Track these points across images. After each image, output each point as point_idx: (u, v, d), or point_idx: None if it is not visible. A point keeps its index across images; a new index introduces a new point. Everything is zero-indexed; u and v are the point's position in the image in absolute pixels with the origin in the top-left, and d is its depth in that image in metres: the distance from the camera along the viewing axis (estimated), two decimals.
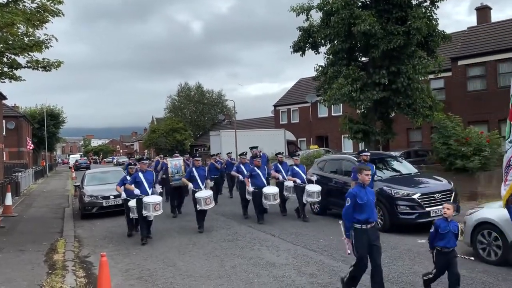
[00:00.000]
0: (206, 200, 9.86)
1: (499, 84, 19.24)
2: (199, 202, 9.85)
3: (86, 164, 56.12)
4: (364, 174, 5.43)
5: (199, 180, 10.28)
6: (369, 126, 16.10)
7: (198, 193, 9.99)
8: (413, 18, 14.24)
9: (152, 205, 9.03)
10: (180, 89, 55.59)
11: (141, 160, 9.83)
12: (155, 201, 9.15)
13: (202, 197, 9.86)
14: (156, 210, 9.11)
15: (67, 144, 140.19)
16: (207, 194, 9.98)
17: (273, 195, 10.73)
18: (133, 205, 9.66)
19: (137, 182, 9.32)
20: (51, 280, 6.76)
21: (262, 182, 10.91)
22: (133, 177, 9.51)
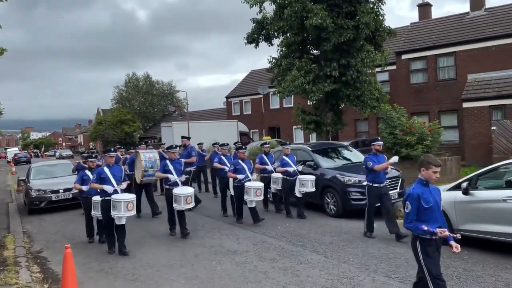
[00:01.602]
0: (187, 199, 8.33)
1: (439, 78, 20.52)
2: (178, 200, 8.33)
3: (27, 158, 53.27)
4: (432, 171, 4.36)
5: (175, 174, 8.79)
6: (321, 117, 16.62)
7: (177, 189, 8.48)
8: (361, 13, 14.80)
9: (124, 203, 7.38)
10: (127, 80, 53.92)
11: (107, 152, 8.11)
12: (126, 198, 7.49)
13: (182, 194, 8.30)
14: (129, 209, 7.46)
15: (3, 137, 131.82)
16: (187, 191, 8.47)
17: (255, 189, 9.26)
18: (99, 199, 8.08)
19: (102, 179, 7.72)
20: (5, 276, 6.48)
21: (247, 176, 9.67)
22: (97, 173, 7.85)
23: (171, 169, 8.77)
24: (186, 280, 6.09)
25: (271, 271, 6.28)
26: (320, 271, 6.21)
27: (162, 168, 8.97)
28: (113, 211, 7.42)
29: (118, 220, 7.46)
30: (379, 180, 8.07)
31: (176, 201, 8.34)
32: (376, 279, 5.79)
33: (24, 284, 6.13)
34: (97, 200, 8.16)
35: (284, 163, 10.30)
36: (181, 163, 9.09)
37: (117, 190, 7.64)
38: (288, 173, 10.17)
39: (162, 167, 9.02)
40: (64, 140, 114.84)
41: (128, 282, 6.19)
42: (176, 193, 8.40)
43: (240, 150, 9.95)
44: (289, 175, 10.17)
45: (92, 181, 7.87)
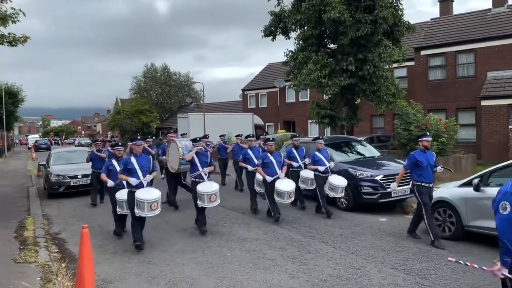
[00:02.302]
0: (211, 197, 7.83)
1: (458, 75, 20.25)
2: (202, 198, 7.85)
3: (47, 144, 54.49)
4: None
5: (199, 166, 8.19)
6: (336, 111, 16.62)
7: (201, 185, 7.97)
8: (380, 8, 14.71)
9: (147, 203, 6.95)
10: (146, 70, 54.54)
11: (134, 141, 7.51)
12: (151, 198, 7.03)
13: (206, 192, 7.82)
14: (153, 209, 7.02)
15: (25, 124, 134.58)
16: (212, 188, 7.91)
17: (288, 193, 8.57)
18: (123, 198, 7.70)
19: (129, 170, 7.26)
20: (24, 254, 6.79)
21: (276, 172, 8.89)
22: (123, 163, 7.39)
23: (196, 162, 8.22)
24: (197, 265, 6.29)
25: (280, 259, 6.43)
26: (328, 260, 6.34)
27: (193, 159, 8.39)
28: (137, 209, 7.04)
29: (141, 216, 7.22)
30: (428, 179, 7.28)
31: (200, 198, 7.92)
32: (382, 270, 5.89)
33: (43, 263, 6.41)
34: (120, 199, 7.79)
35: (316, 160, 9.52)
36: (207, 155, 8.43)
37: (142, 183, 7.22)
38: (319, 170, 9.48)
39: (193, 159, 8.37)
40: (83, 128, 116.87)
41: (141, 264, 6.42)
42: (200, 190, 7.88)
43: (268, 142, 9.23)
44: (321, 171, 9.46)
45: (120, 172, 7.46)
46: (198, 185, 7.99)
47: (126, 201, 7.54)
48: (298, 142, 10.68)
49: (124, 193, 7.66)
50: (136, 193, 7.01)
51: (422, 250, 6.76)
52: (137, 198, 6.98)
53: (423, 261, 6.26)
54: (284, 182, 8.80)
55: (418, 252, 6.68)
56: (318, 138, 10.18)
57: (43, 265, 6.30)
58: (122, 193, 7.76)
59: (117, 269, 6.20)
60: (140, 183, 7.21)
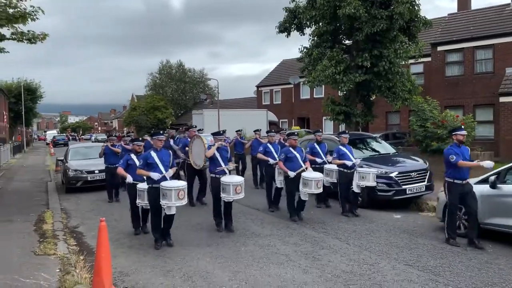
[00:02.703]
0: (237, 188, 7.48)
1: (476, 71, 19.91)
2: (227, 190, 7.53)
3: (64, 140, 55.48)
4: None
5: (221, 161, 7.92)
6: (351, 108, 16.54)
7: (226, 177, 7.71)
8: (396, 3, 14.56)
9: (174, 191, 6.63)
10: (161, 67, 54.95)
11: (156, 135, 7.30)
12: (178, 185, 6.73)
13: (231, 183, 7.49)
14: (180, 198, 6.71)
15: (43, 120, 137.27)
16: (238, 179, 7.65)
17: (315, 180, 8.27)
18: (144, 187, 7.39)
19: (149, 165, 7.04)
20: (44, 247, 6.97)
21: (300, 166, 8.61)
22: (143, 158, 7.15)
23: (217, 157, 7.93)
24: (211, 259, 6.37)
25: (293, 255, 6.47)
26: (341, 256, 6.36)
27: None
28: (162, 200, 6.67)
29: (168, 209, 6.79)
30: (461, 176, 6.84)
31: (224, 190, 7.55)
32: (396, 266, 5.88)
33: (62, 255, 6.57)
34: (142, 188, 7.49)
35: (341, 154, 9.15)
36: (227, 150, 8.20)
37: (165, 177, 6.96)
38: (345, 166, 9.12)
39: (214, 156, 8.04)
40: (100, 124, 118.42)
41: (157, 257, 6.53)
42: (224, 181, 7.58)
43: (292, 137, 8.87)
44: (346, 167, 9.12)
45: (139, 167, 7.14)
46: (222, 177, 7.73)
47: (144, 190, 7.37)
48: (321, 137, 10.35)
49: (144, 184, 7.41)
50: (162, 183, 6.75)
51: (436, 248, 6.73)
52: (162, 187, 6.70)
53: (438, 258, 6.23)
54: (312, 172, 8.52)
55: (433, 249, 6.65)
56: (344, 132, 9.81)
57: (62, 257, 6.46)
58: (144, 184, 7.45)
59: (133, 262, 6.33)
60: (162, 177, 6.94)
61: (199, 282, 5.45)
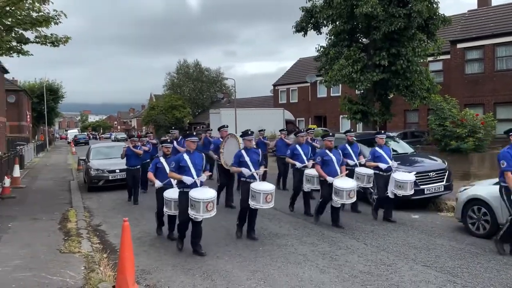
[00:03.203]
0: (267, 196, 7.08)
1: (496, 68, 19.58)
2: (257, 197, 7.08)
3: (85, 139, 56.58)
4: None
5: (251, 166, 7.40)
6: (368, 107, 16.48)
7: (257, 184, 7.23)
8: (414, 1, 14.43)
9: (203, 203, 6.30)
10: (179, 67, 55.51)
11: (189, 137, 6.83)
12: (207, 197, 6.36)
13: (262, 191, 7.05)
14: (209, 210, 6.36)
15: (64, 119, 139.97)
16: (268, 188, 7.16)
17: (347, 190, 7.83)
18: (172, 197, 7.12)
19: (181, 168, 6.63)
20: (69, 245, 7.23)
21: (336, 172, 8.11)
22: (175, 161, 6.74)
23: (246, 161, 7.40)
24: (230, 258, 6.51)
25: (311, 254, 6.56)
26: (359, 257, 6.41)
27: (237, 159, 7.48)
28: (191, 210, 6.39)
29: (196, 218, 6.52)
30: None
31: (254, 198, 7.13)
32: (414, 267, 5.91)
33: (86, 253, 6.80)
34: (169, 197, 7.21)
35: (377, 156, 8.62)
36: (258, 153, 7.57)
37: (196, 182, 6.59)
38: (380, 169, 8.58)
39: (236, 158, 7.51)
40: (119, 123, 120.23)
41: (177, 256, 6.70)
42: (255, 188, 7.13)
43: (328, 138, 8.34)
44: (383, 169, 8.57)
45: (171, 169, 6.74)
46: (253, 183, 7.24)
47: (175, 200, 7.00)
48: (352, 137, 9.83)
49: (174, 192, 7.10)
50: (190, 193, 6.36)
51: (455, 248, 6.72)
52: (191, 197, 6.33)
53: (456, 259, 6.23)
54: (344, 179, 8.06)
55: (451, 250, 6.64)
56: (380, 132, 9.17)
57: (86, 255, 6.69)
58: (172, 191, 7.19)
59: (155, 261, 6.51)
60: (194, 182, 6.57)
61: (218, 280, 5.58)
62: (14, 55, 12.48)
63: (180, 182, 6.69)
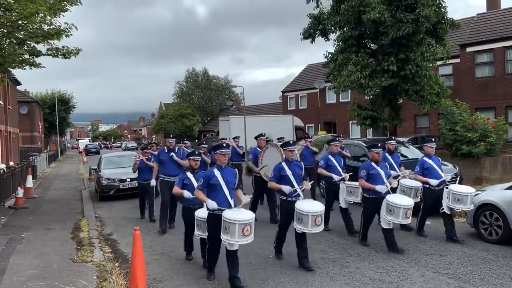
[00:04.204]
0: (317, 219, 5.99)
1: (507, 71, 19.41)
2: (304, 220, 6.00)
3: (96, 148, 57.21)
4: None
5: (294, 181, 6.34)
6: (377, 112, 16.45)
7: (303, 203, 6.16)
8: (422, 6, 14.45)
9: (239, 225, 5.24)
10: (188, 75, 55.94)
11: (219, 149, 5.82)
12: (244, 218, 5.31)
13: (311, 212, 5.96)
14: (245, 234, 5.31)
15: (75, 129, 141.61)
16: (318, 208, 6.06)
17: (405, 208, 6.73)
18: (203, 216, 6.10)
19: (212, 186, 5.71)
20: (81, 254, 7.31)
21: (386, 187, 7.04)
22: (204, 177, 5.81)
23: (288, 175, 6.35)
24: (240, 266, 6.44)
25: (321, 262, 6.55)
26: (370, 264, 6.39)
27: (277, 173, 6.43)
28: (224, 234, 5.34)
29: (230, 245, 5.43)
30: None
31: (301, 221, 6.04)
32: (425, 274, 5.87)
33: (98, 262, 6.88)
34: (201, 217, 6.24)
35: (426, 168, 7.64)
36: (301, 166, 6.61)
37: (230, 203, 5.66)
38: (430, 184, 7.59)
39: (276, 171, 6.47)
40: (130, 132, 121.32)
41: (188, 264, 6.75)
42: (301, 209, 6.02)
43: (375, 149, 7.20)
44: (434, 183, 7.57)
45: (198, 187, 5.81)
46: (298, 202, 6.20)
47: None
48: (394, 146, 8.80)
49: (202, 212, 6.19)
50: (224, 213, 5.38)
51: (467, 254, 6.66)
52: (225, 219, 5.32)
53: (468, 265, 6.17)
54: (399, 197, 7.10)
55: (463, 256, 6.58)
56: (430, 140, 8.13)
57: (98, 264, 6.77)
58: (205, 210, 6.04)
59: (166, 269, 6.56)
60: (226, 203, 5.63)
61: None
62: (26, 67, 12.70)
63: None
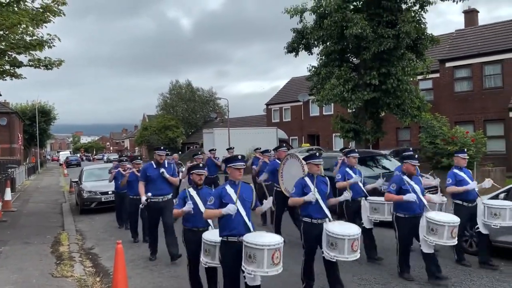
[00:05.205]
0: (353, 244, 5.09)
1: (485, 86, 19.97)
2: (338, 246, 5.10)
3: (77, 161, 56.16)
4: None
5: (320, 200, 5.45)
6: (360, 125, 16.68)
7: (333, 225, 5.30)
8: (402, 22, 14.82)
9: (268, 251, 4.29)
10: (171, 87, 55.81)
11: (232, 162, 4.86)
12: (271, 242, 4.33)
13: (348, 236, 5.07)
14: (275, 262, 4.34)
15: (56, 141, 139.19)
16: (354, 231, 5.17)
17: (450, 226, 5.71)
18: (212, 239, 4.92)
19: (225, 206, 4.62)
20: (61, 269, 7.15)
21: (421, 204, 6.08)
22: (216, 195, 4.79)
23: (312, 189, 5.45)
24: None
25: None
26: (353, 276, 6.41)
27: (299, 189, 5.56)
28: (248, 264, 4.34)
29: (252, 279, 4.44)
30: None
31: (334, 246, 5.12)
32: (408, 286, 5.93)
33: (79, 277, 6.74)
34: (210, 240, 4.94)
35: (459, 180, 6.75)
36: (327, 182, 5.70)
37: (248, 227, 4.64)
38: (464, 197, 6.69)
39: (298, 188, 5.59)
40: (112, 144, 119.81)
41: (171, 278, 6.66)
42: (335, 232, 5.12)
43: (411, 161, 6.24)
44: (466, 199, 6.70)
45: (208, 207, 4.75)
46: (328, 224, 5.30)
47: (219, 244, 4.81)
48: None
49: (212, 235, 5.04)
50: (245, 237, 4.41)
51: (448, 266, 6.72)
52: (247, 244, 4.33)
53: (452, 276, 6.24)
54: (441, 214, 6.09)
55: (444, 268, 6.63)
56: (462, 151, 7.24)
57: (79, 279, 6.63)
58: (214, 232, 5.07)
59: (148, 283, 6.46)
60: (243, 226, 4.62)
61: None
62: (7, 78, 12.53)
63: (223, 227, 4.69)
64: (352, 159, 7.53)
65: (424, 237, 5.87)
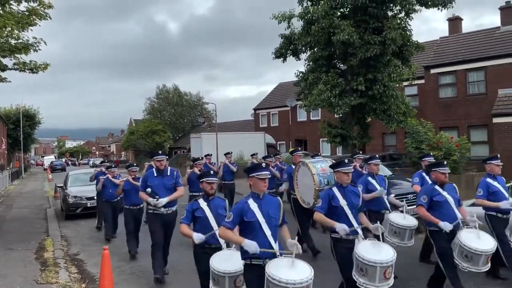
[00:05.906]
0: (386, 271, 4.37)
1: (468, 92, 20.33)
2: (369, 272, 4.39)
3: (62, 165, 55.34)
4: None
5: (351, 216, 4.81)
6: (347, 130, 16.83)
7: (364, 247, 4.53)
8: (388, 29, 15.04)
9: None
10: (158, 91, 55.53)
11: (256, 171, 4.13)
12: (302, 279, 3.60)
13: (380, 263, 4.34)
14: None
15: (41, 145, 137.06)
16: (389, 255, 4.42)
17: (486, 254, 5.06)
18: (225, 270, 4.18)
19: (246, 224, 4.05)
20: (46, 275, 7.04)
21: (455, 218, 5.38)
22: (236, 210, 4.10)
23: (342, 206, 4.81)
24: None
25: None
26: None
27: (326, 203, 4.86)
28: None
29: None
30: None
31: (364, 272, 4.41)
32: None
33: (64, 283, 6.65)
34: (220, 270, 4.19)
35: (492, 193, 6.21)
36: (358, 194, 5.04)
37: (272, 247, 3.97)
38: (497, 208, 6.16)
39: (324, 201, 4.88)
40: (98, 149, 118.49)
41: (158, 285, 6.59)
42: (366, 259, 4.37)
43: (439, 169, 5.56)
44: (499, 210, 6.19)
45: (225, 225, 4.03)
46: (359, 246, 4.53)
47: (232, 275, 4.16)
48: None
49: (227, 259, 4.30)
50: (269, 269, 3.68)
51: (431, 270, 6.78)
52: (271, 277, 3.61)
53: None
54: (479, 235, 5.20)
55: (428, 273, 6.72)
56: (495, 157, 6.58)
57: (64, 285, 6.54)
58: (223, 258, 4.34)
59: None
60: (268, 247, 3.96)
61: None
62: None
63: (243, 249, 3.97)
64: (374, 166, 6.87)
65: (456, 259, 5.19)
